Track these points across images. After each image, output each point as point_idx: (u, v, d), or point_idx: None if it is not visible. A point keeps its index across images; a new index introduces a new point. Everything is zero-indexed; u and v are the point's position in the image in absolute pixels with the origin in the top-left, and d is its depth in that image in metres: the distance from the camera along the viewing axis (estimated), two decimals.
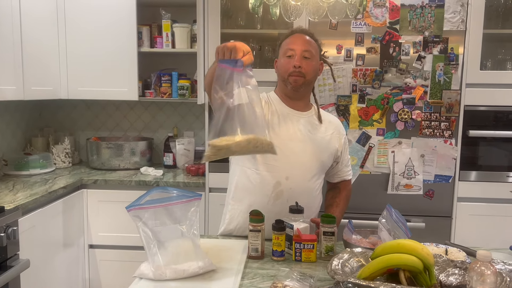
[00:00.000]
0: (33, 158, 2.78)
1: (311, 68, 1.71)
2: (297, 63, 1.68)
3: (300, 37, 1.73)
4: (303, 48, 1.70)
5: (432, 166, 2.58)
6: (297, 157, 1.72)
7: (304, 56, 1.69)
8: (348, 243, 1.51)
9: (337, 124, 1.86)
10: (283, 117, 1.75)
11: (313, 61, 1.72)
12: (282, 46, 1.76)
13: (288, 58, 1.71)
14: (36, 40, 2.63)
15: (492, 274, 1.00)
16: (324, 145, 1.78)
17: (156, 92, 3.05)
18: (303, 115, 1.78)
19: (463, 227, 2.60)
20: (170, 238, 1.37)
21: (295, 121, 1.75)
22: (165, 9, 2.95)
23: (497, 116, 2.59)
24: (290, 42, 1.73)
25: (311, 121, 1.79)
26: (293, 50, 1.70)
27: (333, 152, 1.81)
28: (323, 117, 1.82)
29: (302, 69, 1.68)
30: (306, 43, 1.71)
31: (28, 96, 2.54)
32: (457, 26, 2.51)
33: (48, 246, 2.34)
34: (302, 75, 1.70)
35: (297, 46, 1.70)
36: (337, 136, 1.82)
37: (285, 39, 1.76)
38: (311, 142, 1.75)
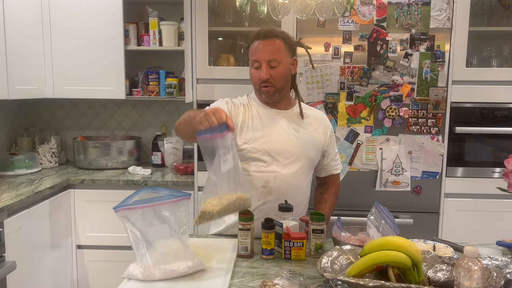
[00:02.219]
0: (18, 158, 2.74)
1: (280, 76, 1.70)
2: (264, 76, 1.67)
3: (263, 46, 1.68)
4: (268, 58, 1.67)
5: (420, 162, 2.61)
6: (284, 155, 1.72)
7: (270, 66, 1.67)
8: (337, 240, 1.52)
9: (321, 119, 1.86)
10: (266, 118, 1.75)
11: (281, 66, 1.69)
12: (250, 53, 1.73)
13: (255, 69, 1.70)
14: (21, 40, 2.59)
15: (479, 270, 1.01)
16: (310, 141, 1.77)
17: (144, 91, 3.02)
18: (285, 114, 1.78)
19: (450, 222, 2.63)
20: (158, 238, 1.36)
21: (278, 121, 1.75)
22: (152, 6, 2.92)
23: (483, 113, 2.62)
24: (255, 52, 1.69)
25: (295, 119, 1.79)
26: (258, 62, 1.68)
27: (320, 147, 1.81)
28: (307, 113, 1.82)
29: (270, 79, 1.68)
30: (270, 52, 1.67)
31: (12, 95, 2.50)
32: (443, 23, 2.53)
33: (35, 248, 2.31)
34: (272, 85, 1.69)
35: (261, 56, 1.67)
36: (322, 130, 1.82)
37: (252, 42, 1.72)
38: (297, 140, 1.75)
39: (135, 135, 3.25)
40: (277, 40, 1.69)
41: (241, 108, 1.77)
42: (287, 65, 1.72)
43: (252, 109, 1.78)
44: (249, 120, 1.74)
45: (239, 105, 1.78)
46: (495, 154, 2.65)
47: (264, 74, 1.66)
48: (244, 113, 1.76)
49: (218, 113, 1.41)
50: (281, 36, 1.70)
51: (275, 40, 1.68)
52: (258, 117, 1.75)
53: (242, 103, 1.79)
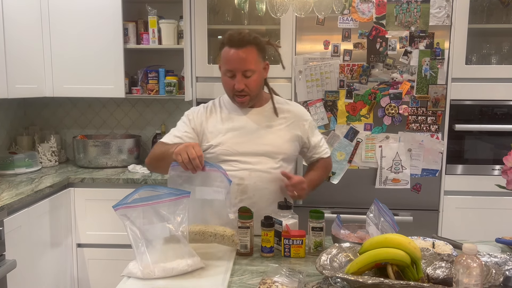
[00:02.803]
0: (18, 157, 2.74)
1: (254, 84, 1.69)
2: (239, 87, 1.66)
3: (238, 55, 1.63)
4: (243, 68, 1.64)
5: (419, 160, 2.61)
6: (257, 153, 1.72)
7: (245, 76, 1.66)
8: (337, 238, 1.52)
9: (296, 112, 1.84)
10: (237, 118, 1.76)
11: (255, 75, 1.68)
12: (222, 59, 1.69)
13: (229, 78, 1.68)
14: (20, 38, 2.59)
15: (477, 267, 1.01)
16: (284, 136, 1.77)
17: (143, 89, 3.02)
18: (258, 111, 1.78)
19: (450, 220, 2.63)
20: (158, 236, 1.36)
21: (251, 119, 1.75)
22: (151, 5, 2.92)
23: (483, 110, 2.63)
24: (228, 61, 1.65)
25: (268, 115, 1.78)
26: (232, 72, 1.66)
27: (297, 140, 1.80)
28: (282, 107, 1.81)
29: (245, 88, 1.67)
30: (246, 61, 1.64)
31: (12, 94, 2.49)
32: (443, 21, 2.53)
33: (35, 246, 2.31)
34: (247, 94, 1.69)
35: (235, 66, 1.64)
36: (298, 123, 1.81)
37: (224, 46, 1.67)
38: (270, 136, 1.74)
39: (135, 133, 3.25)
40: (251, 47, 1.65)
41: (205, 114, 1.78)
42: (261, 72, 1.71)
43: (223, 111, 1.79)
44: (219, 123, 1.75)
45: (202, 113, 1.79)
46: (495, 151, 2.65)
47: (239, 85, 1.65)
48: (212, 117, 1.77)
49: (198, 151, 1.46)
50: (254, 42, 1.66)
51: (248, 48, 1.64)
52: (229, 119, 1.76)
53: (210, 108, 1.80)
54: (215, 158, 1.73)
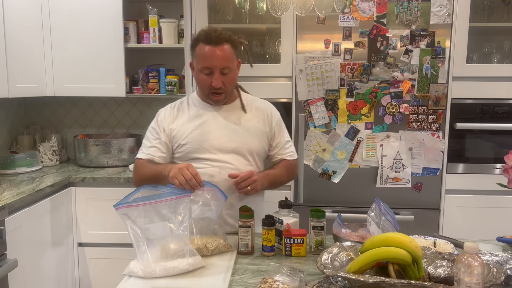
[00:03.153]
0: (19, 157, 2.74)
1: (231, 82, 1.70)
2: (217, 84, 1.66)
3: (216, 52, 1.63)
4: (221, 65, 1.64)
5: (420, 159, 2.60)
6: (226, 150, 1.72)
7: (222, 73, 1.66)
8: (338, 237, 1.52)
9: (265, 109, 1.83)
10: (206, 116, 1.76)
11: (232, 73, 1.69)
12: (197, 56, 1.67)
13: (206, 75, 1.67)
14: (21, 38, 2.58)
15: (479, 266, 1.01)
16: (253, 132, 1.77)
17: (144, 88, 3.02)
18: (227, 108, 1.78)
19: (451, 219, 2.63)
20: (159, 235, 1.37)
21: (219, 116, 1.76)
22: (151, 4, 2.92)
23: (484, 109, 2.62)
24: (206, 58, 1.64)
25: (236, 112, 1.78)
26: (210, 69, 1.65)
27: (264, 137, 1.79)
28: (250, 104, 1.81)
29: (222, 86, 1.67)
30: (224, 59, 1.64)
31: (13, 93, 2.49)
32: (444, 19, 2.53)
33: (36, 245, 2.31)
34: (223, 91, 1.70)
35: (214, 63, 1.64)
36: (266, 120, 1.80)
37: (199, 43, 1.66)
38: (238, 133, 1.74)
39: (136, 132, 3.25)
40: (226, 45, 1.65)
41: (172, 115, 1.78)
42: (235, 70, 1.72)
43: (191, 109, 1.78)
44: (187, 121, 1.75)
45: (169, 114, 1.79)
46: (496, 150, 2.65)
47: (218, 82, 1.65)
48: (180, 116, 1.77)
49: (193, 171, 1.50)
50: (229, 39, 1.67)
51: (225, 46, 1.65)
52: (196, 117, 1.76)
53: (177, 107, 1.80)
54: (184, 157, 1.72)
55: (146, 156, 1.75)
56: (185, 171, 1.48)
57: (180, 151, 1.74)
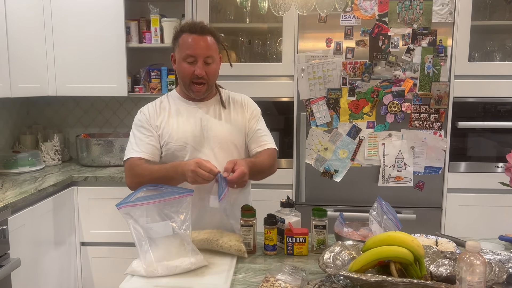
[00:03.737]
0: (22, 156, 2.75)
1: (213, 73, 1.69)
2: (200, 73, 1.64)
3: (201, 41, 1.63)
4: (205, 54, 1.64)
5: (422, 157, 2.60)
6: (209, 146, 1.71)
7: (206, 62, 1.66)
8: (340, 236, 1.52)
9: (241, 101, 1.82)
10: (186, 113, 1.74)
11: (214, 64, 1.69)
12: (180, 45, 1.66)
13: (189, 64, 1.66)
14: (23, 37, 2.59)
15: (481, 264, 1.01)
16: (234, 126, 1.75)
17: (146, 88, 3.02)
18: (206, 104, 1.77)
19: (453, 217, 2.63)
20: (161, 234, 1.37)
21: (199, 113, 1.74)
22: (153, 3, 2.92)
23: (486, 107, 2.62)
24: (190, 46, 1.63)
25: (216, 107, 1.77)
26: (194, 57, 1.64)
27: (243, 130, 1.78)
28: (228, 99, 1.80)
29: (205, 76, 1.66)
30: (208, 48, 1.64)
31: (15, 93, 2.50)
32: (446, 18, 2.52)
33: (39, 245, 2.32)
34: (206, 82, 1.68)
35: (198, 51, 1.63)
36: (243, 112, 1.79)
37: (182, 33, 1.66)
38: (219, 128, 1.73)
39: None
40: (210, 37, 1.66)
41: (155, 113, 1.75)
42: (218, 63, 1.72)
43: (171, 107, 1.76)
44: (169, 119, 1.73)
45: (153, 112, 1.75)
46: (498, 148, 2.64)
47: (200, 70, 1.64)
48: (162, 114, 1.74)
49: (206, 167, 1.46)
50: (212, 33, 1.68)
51: (209, 37, 1.66)
52: (178, 114, 1.74)
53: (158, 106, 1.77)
54: (171, 156, 1.70)
55: (139, 154, 1.67)
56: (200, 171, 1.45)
57: (165, 149, 1.71)
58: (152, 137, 1.70)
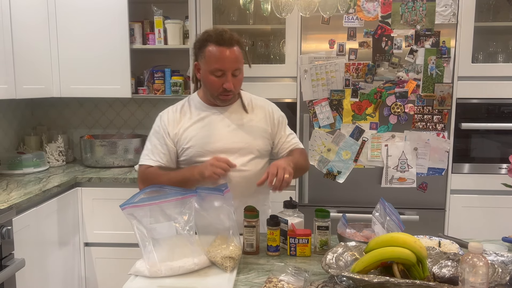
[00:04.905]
0: (26, 157, 2.76)
1: (240, 83, 1.70)
2: (229, 87, 1.64)
3: (228, 54, 1.62)
4: (234, 67, 1.64)
5: (425, 159, 2.60)
6: (229, 152, 1.70)
7: (234, 75, 1.65)
8: (342, 237, 1.52)
9: (265, 106, 1.82)
10: (208, 118, 1.74)
11: (241, 74, 1.69)
12: (207, 57, 1.64)
13: (217, 77, 1.64)
14: (28, 39, 2.61)
15: (484, 266, 1.01)
16: (256, 132, 1.75)
17: (149, 89, 3.04)
18: (228, 110, 1.76)
19: (456, 219, 2.63)
20: (165, 235, 1.37)
21: (220, 119, 1.74)
22: (157, 5, 2.93)
23: (489, 109, 2.61)
24: (218, 60, 1.62)
25: (238, 112, 1.77)
26: (222, 71, 1.63)
27: (267, 136, 1.78)
28: (251, 104, 1.80)
29: (233, 88, 1.66)
30: (235, 61, 1.64)
31: (20, 94, 2.52)
32: (449, 19, 2.52)
33: (43, 245, 2.33)
34: (233, 93, 1.69)
35: (226, 65, 1.62)
36: (267, 118, 1.79)
37: (209, 44, 1.63)
38: (241, 134, 1.73)
39: (141, 133, 3.27)
40: (237, 46, 1.65)
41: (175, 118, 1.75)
42: (243, 71, 1.72)
43: (192, 112, 1.76)
44: (189, 125, 1.73)
45: (172, 118, 1.76)
46: (502, 150, 2.64)
47: (230, 84, 1.64)
48: (182, 120, 1.75)
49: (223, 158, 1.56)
50: (238, 41, 1.67)
51: (237, 48, 1.65)
52: (199, 120, 1.74)
53: (179, 111, 1.78)
54: (189, 160, 1.71)
55: (155, 163, 1.71)
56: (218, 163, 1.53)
57: (184, 155, 1.72)
58: (166, 146, 1.72)
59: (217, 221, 1.42)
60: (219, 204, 1.42)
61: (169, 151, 1.72)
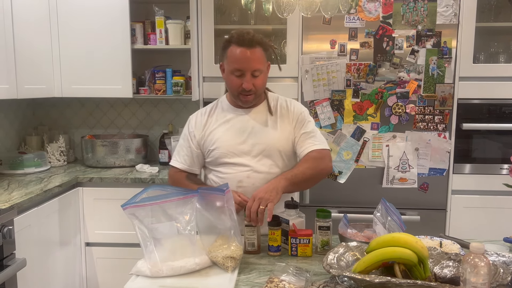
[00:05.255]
0: (27, 157, 2.77)
1: (261, 84, 1.70)
2: (248, 86, 1.65)
3: (248, 55, 1.63)
4: (253, 68, 1.64)
5: (426, 159, 2.60)
6: (253, 153, 1.71)
7: (253, 75, 1.66)
8: (344, 237, 1.52)
9: (289, 106, 1.80)
10: (233, 119, 1.76)
11: (262, 74, 1.69)
12: (228, 57, 1.67)
13: (237, 77, 1.66)
14: (29, 40, 2.61)
15: (485, 266, 1.01)
16: (280, 133, 1.75)
17: (151, 89, 3.04)
18: (254, 112, 1.77)
19: (457, 219, 2.62)
20: (166, 235, 1.38)
21: (246, 120, 1.75)
22: (158, 5, 2.93)
23: (490, 109, 2.61)
24: (238, 60, 1.64)
25: (264, 114, 1.77)
26: (241, 71, 1.65)
27: (291, 137, 1.77)
28: (276, 105, 1.79)
29: (253, 88, 1.67)
30: (255, 61, 1.64)
31: (21, 94, 2.52)
32: (450, 19, 2.52)
33: (44, 245, 2.34)
34: (253, 93, 1.69)
35: (245, 66, 1.64)
36: (290, 117, 1.77)
37: (230, 45, 1.66)
38: (266, 135, 1.73)
39: (142, 133, 3.27)
40: (258, 48, 1.66)
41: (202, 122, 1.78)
42: (266, 72, 1.72)
43: (219, 114, 1.79)
44: (215, 127, 1.76)
45: (199, 121, 1.79)
46: (503, 150, 2.63)
47: (248, 85, 1.65)
48: (209, 122, 1.78)
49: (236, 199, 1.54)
50: (261, 43, 1.67)
51: (257, 49, 1.65)
52: (225, 122, 1.76)
53: (207, 113, 1.80)
54: (215, 162, 1.74)
55: (179, 165, 1.78)
56: None
57: (210, 156, 1.75)
58: (190, 149, 1.78)
59: (218, 221, 1.42)
60: (221, 204, 1.41)
61: (192, 153, 1.78)
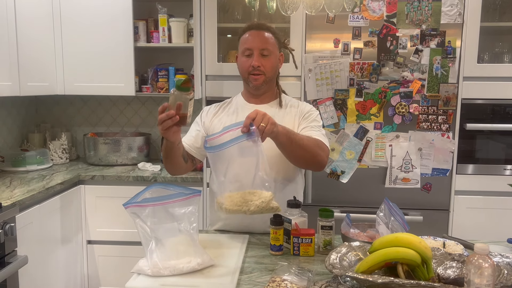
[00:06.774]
0: (30, 154, 2.77)
1: (270, 65, 1.74)
2: (256, 63, 1.70)
3: (257, 35, 1.73)
4: (261, 46, 1.71)
5: (430, 159, 2.59)
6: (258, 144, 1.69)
7: (262, 54, 1.71)
8: (346, 237, 1.51)
9: (299, 105, 1.83)
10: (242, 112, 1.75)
11: (272, 58, 1.74)
12: (240, 43, 1.77)
13: (246, 57, 1.73)
14: (32, 37, 2.61)
15: (489, 267, 1.00)
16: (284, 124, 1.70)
17: (153, 87, 3.04)
18: (264, 107, 1.79)
19: (460, 220, 2.61)
20: (168, 235, 1.37)
21: None
22: (161, 3, 2.93)
23: (494, 109, 2.60)
24: (247, 40, 1.73)
25: (274, 109, 1.80)
26: (250, 50, 1.72)
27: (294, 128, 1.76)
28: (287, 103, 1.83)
29: (261, 67, 1.71)
30: (263, 41, 1.72)
31: (24, 92, 2.52)
32: (454, 19, 2.51)
33: (46, 242, 2.34)
34: (262, 73, 1.73)
35: (254, 44, 1.71)
36: (297, 114, 1.79)
37: (243, 34, 1.77)
38: None
39: (145, 131, 3.27)
40: (268, 32, 1.75)
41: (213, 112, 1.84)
42: (276, 57, 1.77)
43: (231, 107, 1.84)
44: (223, 116, 1.81)
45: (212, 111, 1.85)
46: (506, 151, 2.62)
47: (256, 61, 1.70)
48: (219, 114, 1.83)
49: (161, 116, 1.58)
50: (272, 30, 1.76)
51: (266, 32, 1.74)
52: (234, 113, 1.81)
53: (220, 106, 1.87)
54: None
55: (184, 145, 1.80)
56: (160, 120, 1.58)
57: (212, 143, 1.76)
58: (197, 132, 1.82)
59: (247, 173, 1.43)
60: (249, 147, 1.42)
61: (197, 135, 1.80)
